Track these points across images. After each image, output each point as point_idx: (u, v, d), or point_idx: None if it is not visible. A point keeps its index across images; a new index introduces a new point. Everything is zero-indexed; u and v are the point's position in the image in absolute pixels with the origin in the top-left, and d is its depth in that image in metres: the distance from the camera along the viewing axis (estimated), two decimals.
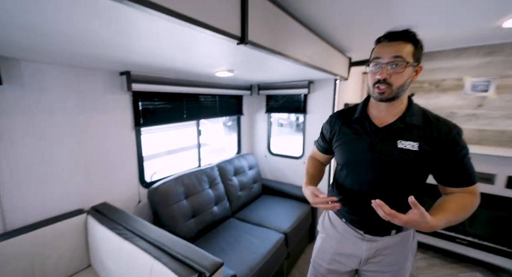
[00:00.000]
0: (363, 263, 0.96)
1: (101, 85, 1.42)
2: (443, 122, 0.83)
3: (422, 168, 0.82)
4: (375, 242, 0.93)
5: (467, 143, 0.83)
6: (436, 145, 0.80)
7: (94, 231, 1.25)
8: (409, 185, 0.86)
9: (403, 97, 0.84)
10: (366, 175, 0.89)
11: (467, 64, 2.10)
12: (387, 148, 0.85)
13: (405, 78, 0.78)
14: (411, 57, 0.77)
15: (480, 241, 2.00)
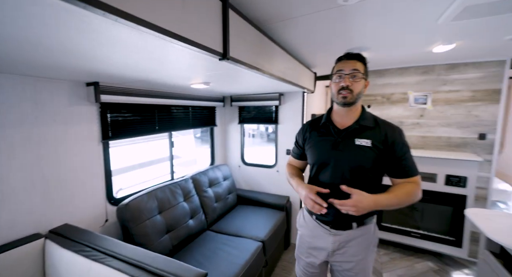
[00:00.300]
0: (330, 255, 1.10)
1: (64, 97, 1.32)
2: (388, 125, 1.04)
3: (375, 161, 0.98)
4: (339, 236, 1.06)
5: (414, 147, 1.02)
6: (384, 143, 0.99)
7: (55, 256, 1.11)
8: (367, 179, 1.00)
9: (358, 104, 1.05)
10: (331, 171, 1.04)
11: (409, 80, 2.48)
12: (347, 145, 1.02)
13: (361, 87, 1.01)
14: (363, 72, 1.01)
15: (429, 233, 2.30)
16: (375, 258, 2.35)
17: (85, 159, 1.45)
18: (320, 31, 1.37)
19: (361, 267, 1.07)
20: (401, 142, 0.99)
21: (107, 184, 1.58)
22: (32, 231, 1.21)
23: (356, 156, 0.99)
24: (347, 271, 1.08)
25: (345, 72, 0.99)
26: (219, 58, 0.88)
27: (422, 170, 2.26)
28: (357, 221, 1.05)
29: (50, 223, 1.28)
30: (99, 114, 1.50)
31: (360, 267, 1.07)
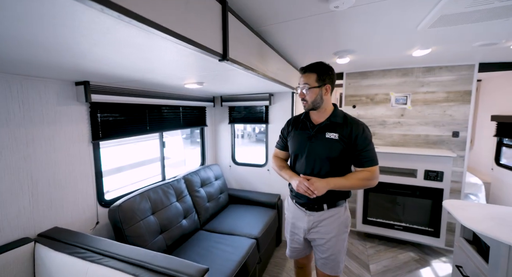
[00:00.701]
0: (307, 233, 1.30)
1: (52, 96, 1.28)
2: (354, 122, 1.21)
3: (341, 152, 1.17)
4: (313, 216, 1.26)
5: (396, 145, 1.11)
6: (349, 137, 1.17)
7: (46, 260, 1.08)
8: (335, 167, 1.19)
9: (324, 107, 1.22)
10: (306, 158, 1.24)
11: (390, 82, 2.63)
12: (319, 137, 1.22)
13: (314, 96, 1.18)
14: (315, 82, 1.17)
15: (411, 225, 2.45)
16: (362, 250, 2.48)
17: (75, 160, 1.41)
18: (310, 34, 1.44)
19: (332, 243, 1.24)
20: (363, 137, 1.16)
21: (97, 186, 1.55)
22: (20, 235, 1.16)
23: (326, 147, 1.19)
24: (321, 246, 1.27)
25: (300, 86, 1.21)
26: (219, 59, 0.91)
27: (403, 166, 2.43)
28: (328, 203, 1.23)
29: (39, 226, 1.24)
30: (89, 114, 1.47)
31: (332, 243, 1.24)
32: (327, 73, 1.18)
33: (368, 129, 1.20)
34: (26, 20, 0.53)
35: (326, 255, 1.26)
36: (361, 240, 2.69)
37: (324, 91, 1.19)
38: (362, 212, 2.66)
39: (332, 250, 1.25)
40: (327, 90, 1.20)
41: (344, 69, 2.73)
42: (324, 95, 1.20)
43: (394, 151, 2.44)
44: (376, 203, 2.63)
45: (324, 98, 1.20)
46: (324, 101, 1.20)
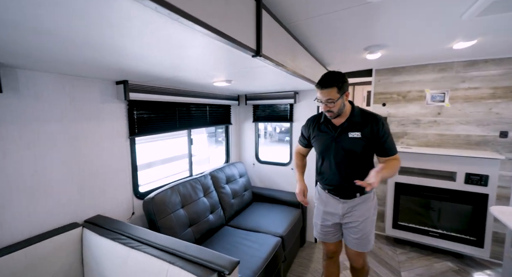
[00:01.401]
0: (341, 218, 1.44)
1: (97, 94, 1.40)
2: (373, 118, 1.30)
3: (365, 147, 1.29)
4: (346, 203, 1.41)
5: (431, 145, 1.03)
6: (370, 133, 1.28)
7: (93, 244, 1.18)
8: (361, 160, 1.33)
9: (345, 111, 1.32)
10: (334, 158, 1.37)
11: (426, 78, 2.46)
12: (343, 138, 1.33)
13: (339, 106, 1.26)
14: (336, 94, 1.23)
15: (448, 233, 2.27)
16: (392, 256, 2.34)
17: (115, 154, 1.52)
18: (340, 29, 1.40)
19: (364, 224, 1.40)
20: (383, 130, 1.27)
21: (133, 179, 1.65)
22: (70, 220, 1.28)
23: (351, 146, 1.31)
24: (355, 228, 1.41)
25: (323, 100, 1.26)
26: (252, 55, 0.92)
27: (440, 168, 2.25)
28: (360, 192, 1.37)
29: (85, 213, 1.36)
30: (126, 111, 1.58)
31: (364, 225, 1.40)
32: (343, 82, 1.25)
33: (385, 121, 1.31)
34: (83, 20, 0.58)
35: (358, 236, 1.40)
36: (390, 246, 2.55)
37: (345, 98, 1.29)
38: (392, 216, 2.51)
39: (363, 231, 1.39)
40: (347, 96, 1.29)
41: (373, 65, 2.60)
42: (345, 101, 1.30)
43: (429, 151, 2.27)
44: (408, 207, 2.47)
45: (345, 104, 1.30)
46: (345, 106, 1.31)
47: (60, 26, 0.61)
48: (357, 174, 1.29)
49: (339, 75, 1.25)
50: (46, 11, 0.52)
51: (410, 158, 2.38)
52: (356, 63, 2.41)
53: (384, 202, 2.71)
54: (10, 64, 1.01)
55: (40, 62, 0.99)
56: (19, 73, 1.07)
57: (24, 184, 1.11)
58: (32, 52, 0.85)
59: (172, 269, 0.93)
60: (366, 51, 1.91)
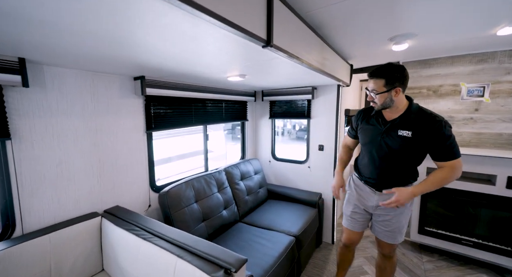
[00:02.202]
0: (374, 209, 1.43)
1: (116, 90, 1.45)
2: (431, 118, 1.18)
3: (413, 148, 1.22)
4: (382, 196, 1.37)
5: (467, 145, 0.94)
6: (424, 134, 1.18)
7: (110, 233, 1.24)
8: (405, 160, 1.26)
9: (396, 105, 1.24)
10: (376, 152, 1.33)
11: (462, 70, 2.22)
12: (391, 134, 1.27)
13: (383, 99, 1.21)
14: (383, 87, 1.19)
15: (485, 242, 2.04)
16: (418, 264, 2.17)
17: (132, 148, 1.57)
18: (362, 17, 1.29)
19: (396, 219, 1.37)
20: (440, 133, 1.15)
21: (150, 172, 1.70)
22: (91, 210, 1.36)
23: (397, 144, 1.24)
24: (387, 221, 1.39)
25: (369, 89, 1.25)
26: (263, 45, 0.88)
27: (476, 171, 2.03)
28: (398, 186, 1.30)
29: (105, 203, 1.43)
30: (144, 106, 1.62)
31: (396, 219, 1.37)
32: (395, 76, 1.17)
33: (447, 123, 1.17)
34: (99, 15, 0.60)
35: (390, 228, 1.39)
36: (415, 252, 2.37)
37: (394, 93, 1.20)
38: (418, 221, 2.33)
39: (396, 225, 1.37)
40: (397, 92, 1.20)
41: (400, 57, 2.41)
42: (394, 97, 1.21)
43: (464, 152, 2.04)
44: (437, 212, 2.26)
45: (394, 99, 1.21)
46: (395, 101, 1.22)
47: (79, 22, 0.64)
48: (397, 173, 1.29)
49: (394, 68, 1.18)
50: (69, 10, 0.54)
51: None
52: (381, 56, 2.24)
53: None
54: (36, 61, 1.08)
55: (61, 58, 1.04)
56: (45, 69, 1.14)
57: (50, 174, 1.19)
58: (58, 50, 0.89)
59: (180, 263, 0.93)
60: (391, 41, 1.76)
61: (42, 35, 0.75)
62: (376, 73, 1.20)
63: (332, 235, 2.50)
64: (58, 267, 1.11)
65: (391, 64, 1.20)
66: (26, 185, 1.11)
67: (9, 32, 0.72)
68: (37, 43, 0.83)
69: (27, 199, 1.11)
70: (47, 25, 0.66)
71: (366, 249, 2.44)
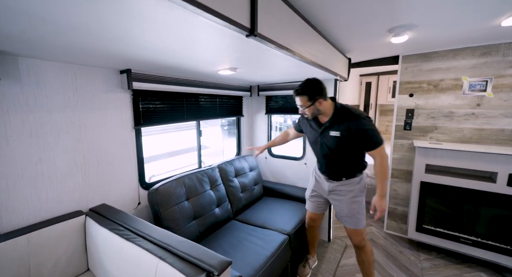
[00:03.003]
0: (327, 194, 1.67)
1: (100, 84, 1.39)
2: (351, 118, 1.40)
3: (345, 145, 1.44)
4: (333, 183, 1.62)
5: (468, 141, 0.93)
6: (348, 132, 1.40)
7: (94, 232, 1.19)
8: (345, 154, 1.49)
9: (324, 112, 1.47)
10: (320, 151, 1.59)
11: (464, 64, 2.13)
12: (325, 135, 1.50)
13: (311, 111, 1.44)
14: (307, 101, 1.41)
15: (484, 240, 1.99)
16: (415, 262, 2.13)
17: (120, 144, 1.52)
18: (358, 7, 1.22)
19: (347, 204, 1.57)
20: (359, 128, 1.38)
21: (139, 169, 1.66)
22: (75, 208, 1.31)
23: (332, 142, 1.48)
24: (338, 206, 1.62)
25: (298, 105, 1.48)
26: (246, 34, 0.81)
27: (477, 168, 1.97)
28: (346, 176, 1.56)
29: (90, 201, 1.38)
30: (131, 101, 1.56)
31: (347, 204, 1.57)
32: (313, 90, 1.40)
33: (364, 118, 1.39)
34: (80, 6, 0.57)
35: (345, 213, 1.59)
36: (413, 250, 2.33)
37: (318, 104, 1.42)
38: (416, 218, 2.28)
39: (349, 209, 1.57)
40: (320, 102, 1.41)
41: (399, 51, 2.33)
42: (319, 107, 1.43)
43: (464, 148, 1.99)
44: (435, 209, 2.22)
45: (320, 108, 1.44)
46: (322, 109, 1.45)
47: (60, 12, 0.59)
48: (342, 165, 1.53)
49: (312, 84, 1.41)
50: None
51: (440, 155, 2.11)
52: (380, 49, 2.16)
53: (407, 203, 2.48)
54: (10, 52, 1.02)
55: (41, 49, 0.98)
56: (20, 61, 1.08)
57: (29, 172, 1.14)
58: (35, 39, 0.83)
59: (162, 265, 0.89)
60: (390, 33, 1.68)
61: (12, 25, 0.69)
62: (300, 92, 1.42)
63: (328, 232, 2.46)
64: (38, 268, 1.08)
65: (309, 80, 1.43)
66: (2, 184, 1.06)
67: None
68: (8, 33, 0.77)
69: (4, 198, 1.07)
70: (19, 13, 0.61)
71: None
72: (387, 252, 2.30)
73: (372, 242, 2.50)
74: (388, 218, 2.61)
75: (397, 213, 2.56)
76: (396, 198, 2.55)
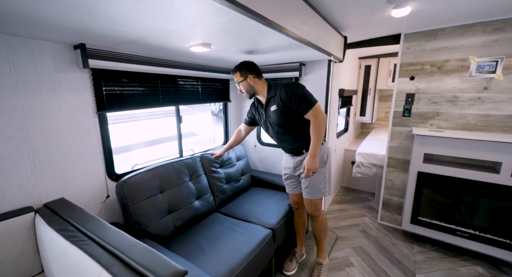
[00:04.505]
0: (294, 171, 1.68)
1: (48, 60, 1.19)
2: (279, 88, 1.48)
3: (285, 116, 1.48)
4: (296, 158, 1.64)
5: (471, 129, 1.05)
6: (282, 102, 1.46)
7: (42, 232, 1.05)
8: (292, 125, 1.52)
9: (259, 90, 1.55)
10: (272, 131, 1.63)
11: (472, 42, 1.91)
12: (268, 112, 1.56)
13: (245, 87, 1.53)
14: (240, 77, 1.51)
15: (482, 234, 1.88)
16: (408, 255, 2.04)
17: (80, 132, 1.35)
18: None
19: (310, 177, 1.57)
20: (288, 96, 1.42)
21: (106, 159, 1.49)
22: (25, 204, 1.16)
23: (275, 117, 1.52)
24: (303, 178, 1.61)
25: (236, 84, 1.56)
26: None
27: (479, 157, 1.81)
28: (306, 148, 1.57)
29: (45, 196, 1.23)
30: (91, 82, 1.36)
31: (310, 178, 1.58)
32: (243, 67, 1.49)
33: (290, 84, 1.45)
34: None
35: (306, 185, 1.61)
36: (406, 242, 2.23)
37: (250, 80, 1.50)
38: (411, 210, 2.16)
39: (310, 180, 1.58)
40: (251, 79, 1.50)
41: (401, 28, 2.09)
42: (252, 84, 1.51)
43: (466, 136, 1.82)
44: (432, 201, 2.09)
45: (253, 85, 1.52)
46: (256, 87, 1.53)
47: None
48: (295, 136, 1.55)
49: (244, 63, 1.51)
50: None
51: (440, 144, 1.95)
52: (379, 25, 1.93)
53: (403, 193, 2.35)
54: None
55: None
56: None
57: None
58: None
59: (104, 276, 0.74)
60: (390, 4, 1.45)
61: None
62: (233, 69, 1.52)
63: None
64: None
65: (244, 61, 1.52)
66: None
67: None
68: None
69: None
70: None
71: (354, 239, 2.31)
72: (379, 244, 2.20)
73: (364, 233, 2.40)
74: (383, 209, 2.50)
75: (392, 204, 2.44)
76: (392, 189, 2.42)
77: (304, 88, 1.45)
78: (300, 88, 1.43)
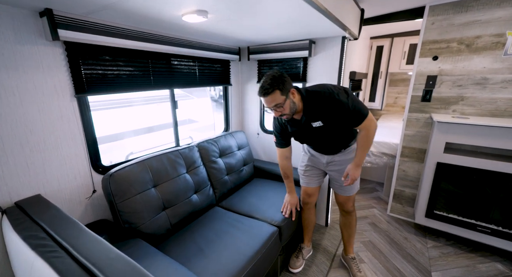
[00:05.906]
0: (326, 166, 1.57)
1: (7, 30, 0.96)
2: (323, 98, 1.21)
3: (332, 128, 1.31)
4: (330, 156, 1.53)
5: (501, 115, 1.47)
6: (329, 116, 1.25)
7: (8, 237, 0.88)
8: (333, 135, 1.37)
9: (298, 106, 1.25)
10: (310, 142, 1.50)
11: (510, 14, 1.65)
12: (309, 129, 1.34)
13: (288, 106, 1.20)
14: (281, 96, 1.16)
15: (506, 230, 1.73)
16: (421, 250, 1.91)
17: (54, 118, 1.15)
18: None
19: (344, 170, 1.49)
20: (338, 109, 1.20)
21: (90, 149, 1.31)
22: None
23: (318, 132, 1.34)
24: (336, 172, 1.54)
25: (270, 107, 1.20)
26: None
27: (507, 147, 1.62)
28: (344, 147, 1.48)
29: (15, 193, 1.05)
30: (66, 58, 1.14)
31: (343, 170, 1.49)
32: (283, 81, 1.15)
33: (337, 93, 1.20)
34: None
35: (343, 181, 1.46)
36: (419, 236, 2.10)
37: (292, 96, 1.21)
38: (426, 203, 2.00)
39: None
40: (293, 93, 1.21)
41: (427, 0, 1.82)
42: (294, 99, 1.22)
43: (495, 123, 1.62)
44: (451, 194, 1.92)
45: (295, 101, 1.23)
46: (296, 102, 1.23)
47: None
48: (336, 142, 1.44)
49: (276, 76, 1.15)
50: None
51: (463, 132, 1.75)
52: None
53: (417, 185, 2.18)
54: None
55: None
56: None
57: None
58: None
59: None
60: None
61: None
62: (268, 88, 1.13)
63: (326, 216, 2.22)
64: None
65: (270, 75, 1.16)
66: None
67: None
68: None
69: None
70: None
71: (363, 232, 2.18)
72: (390, 239, 2.07)
73: (373, 226, 2.27)
74: (393, 201, 2.35)
75: (404, 196, 2.29)
76: (404, 180, 2.25)
77: (352, 96, 1.21)
78: (351, 97, 1.20)
